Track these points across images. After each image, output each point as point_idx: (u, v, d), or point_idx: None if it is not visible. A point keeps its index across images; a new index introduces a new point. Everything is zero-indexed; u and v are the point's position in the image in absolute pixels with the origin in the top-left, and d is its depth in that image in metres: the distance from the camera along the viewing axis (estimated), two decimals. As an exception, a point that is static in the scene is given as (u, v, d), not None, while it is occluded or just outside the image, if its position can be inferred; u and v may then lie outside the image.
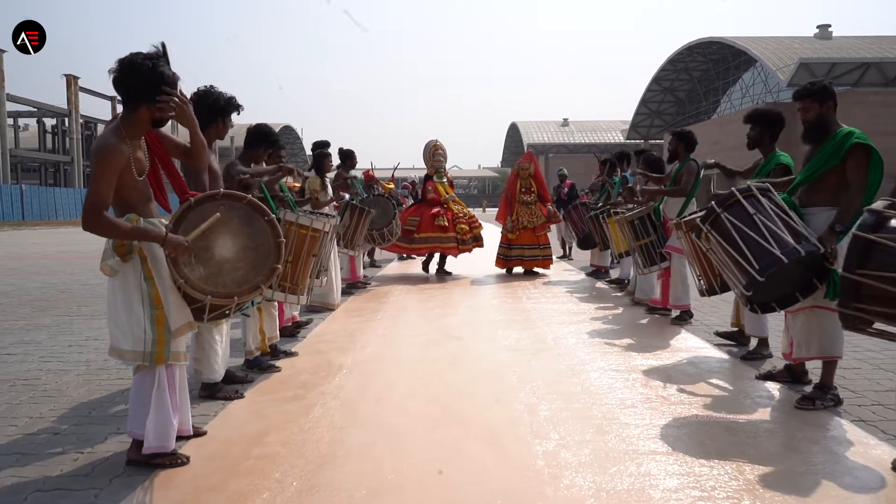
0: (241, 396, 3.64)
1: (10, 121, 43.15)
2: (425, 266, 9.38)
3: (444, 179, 9.37)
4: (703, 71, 52.22)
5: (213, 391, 3.61)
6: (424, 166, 9.68)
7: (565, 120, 70.97)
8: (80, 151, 43.82)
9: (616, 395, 3.59)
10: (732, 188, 3.62)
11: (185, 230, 2.73)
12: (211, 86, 3.62)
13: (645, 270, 5.81)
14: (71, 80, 43.19)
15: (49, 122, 49.79)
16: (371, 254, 11.08)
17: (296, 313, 5.40)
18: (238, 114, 3.73)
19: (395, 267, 10.82)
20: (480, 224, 9.18)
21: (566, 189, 11.48)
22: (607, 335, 5.17)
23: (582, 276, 9.23)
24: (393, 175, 12.81)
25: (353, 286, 7.94)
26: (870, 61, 40.36)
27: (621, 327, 5.51)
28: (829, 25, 46.57)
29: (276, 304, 4.34)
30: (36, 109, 45.10)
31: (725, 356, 4.51)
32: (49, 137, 50.45)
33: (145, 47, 2.58)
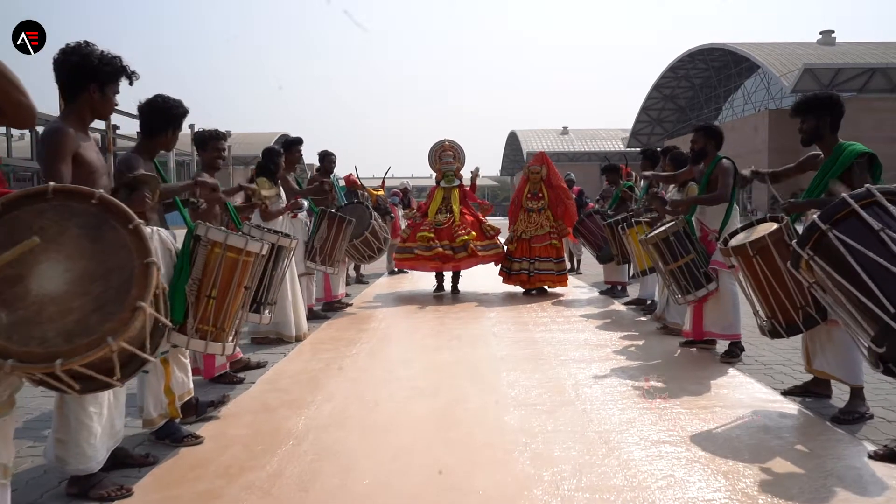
0: (127, 493, 2.48)
1: (2, 129, 42.07)
2: (452, 287, 8.16)
3: (456, 183, 8.13)
4: (704, 78, 51.47)
5: (85, 487, 2.46)
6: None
7: (565, 128, 70.08)
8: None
9: (678, 492, 2.44)
10: (843, 194, 2.52)
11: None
12: (86, 41, 2.50)
13: (689, 297, 4.59)
14: (62, 88, 42.20)
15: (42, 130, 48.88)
16: (357, 267, 9.95)
17: (238, 350, 4.26)
18: (131, 82, 2.61)
19: (383, 283, 9.67)
20: (474, 234, 7.67)
21: (574, 196, 10.34)
22: (639, 379, 4.02)
23: (595, 293, 8.09)
24: (383, 182, 11.68)
25: (329, 307, 6.80)
26: (875, 67, 39.51)
27: (657, 368, 4.35)
28: (833, 31, 45.84)
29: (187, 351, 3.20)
30: (27, 117, 44.10)
31: (808, 413, 3.36)
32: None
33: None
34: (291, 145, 6.23)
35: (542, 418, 3.30)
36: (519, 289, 8.02)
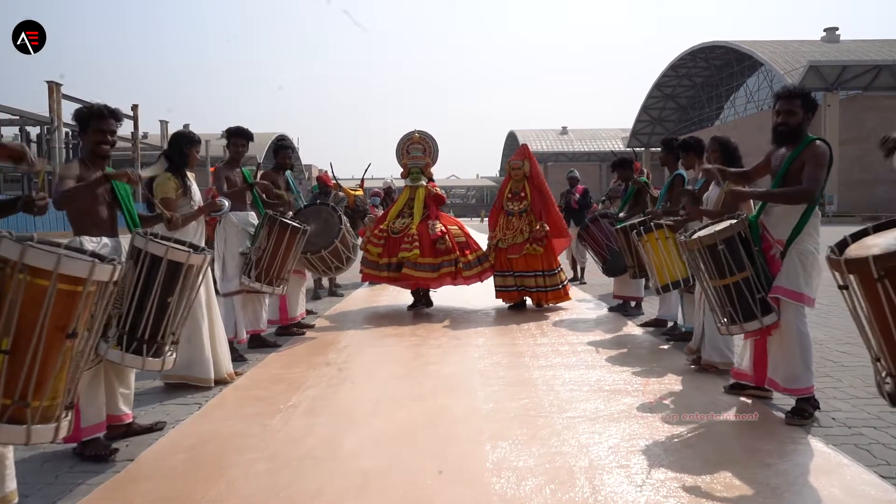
0: None
1: (-7, 129, 40.90)
2: (425, 300, 7.08)
3: (422, 182, 6.89)
4: (705, 76, 50.49)
5: None
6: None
7: (564, 128, 69.06)
8: (64, 161, 41.54)
9: None
10: None
11: None
12: None
13: (733, 328, 3.40)
14: (53, 87, 40.83)
15: (33, 130, 47.53)
16: (332, 279, 8.72)
17: (127, 408, 3.06)
18: None
19: (360, 297, 8.44)
20: (417, 252, 6.38)
21: (578, 195, 9.15)
22: (679, 454, 2.82)
23: (603, 310, 6.86)
24: (363, 180, 10.46)
25: (284, 331, 5.60)
26: (881, 64, 38.42)
27: (698, 430, 3.15)
28: (837, 28, 44.89)
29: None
30: (18, 118, 42.83)
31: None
32: (33, 147, 48.35)
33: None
34: (231, 137, 5.01)
35: (543, 543, 2.10)
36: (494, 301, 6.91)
